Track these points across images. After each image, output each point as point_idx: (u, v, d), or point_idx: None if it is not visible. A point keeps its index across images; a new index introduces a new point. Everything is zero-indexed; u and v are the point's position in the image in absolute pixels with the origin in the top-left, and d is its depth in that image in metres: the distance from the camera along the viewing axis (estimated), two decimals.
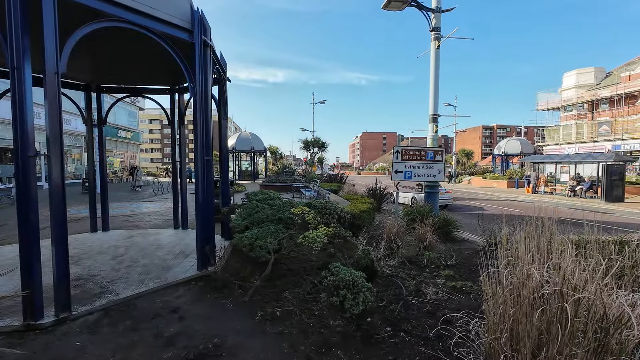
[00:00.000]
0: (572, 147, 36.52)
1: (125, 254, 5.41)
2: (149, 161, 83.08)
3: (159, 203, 13.50)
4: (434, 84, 8.41)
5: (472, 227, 9.88)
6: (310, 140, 26.33)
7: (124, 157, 32.77)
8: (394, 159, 8.16)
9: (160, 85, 7.39)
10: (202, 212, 4.54)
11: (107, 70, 6.80)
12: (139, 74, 6.94)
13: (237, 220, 4.24)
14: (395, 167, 8.17)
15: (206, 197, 4.56)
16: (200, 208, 4.54)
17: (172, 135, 7.48)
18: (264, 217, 4.30)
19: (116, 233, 7.15)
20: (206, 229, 4.63)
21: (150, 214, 10.24)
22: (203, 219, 4.55)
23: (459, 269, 5.49)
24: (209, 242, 4.67)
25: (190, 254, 5.42)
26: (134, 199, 15.49)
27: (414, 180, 8.29)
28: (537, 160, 26.04)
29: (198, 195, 4.49)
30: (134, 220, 9.23)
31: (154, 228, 7.92)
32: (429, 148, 8.40)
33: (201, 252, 4.52)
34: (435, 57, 8.32)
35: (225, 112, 6.18)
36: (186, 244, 6.14)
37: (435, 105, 8.49)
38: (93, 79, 7.05)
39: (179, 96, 7.37)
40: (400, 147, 8.12)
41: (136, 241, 6.36)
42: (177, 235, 6.98)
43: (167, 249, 5.74)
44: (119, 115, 30.05)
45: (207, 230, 4.67)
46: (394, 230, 6.39)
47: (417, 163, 8.27)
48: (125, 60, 6.10)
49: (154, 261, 5.03)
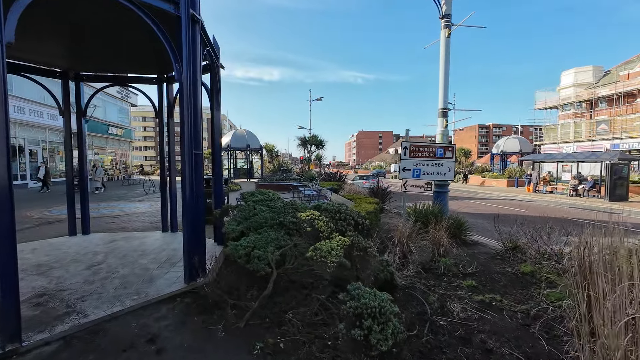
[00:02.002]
0: (570, 146, 36.35)
1: (103, 262, 4.75)
2: (143, 159, 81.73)
3: (148, 203, 12.77)
4: (443, 75, 7.83)
5: (480, 228, 9.35)
6: (307, 138, 25.65)
7: (116, 155, 31.83)
8: (402, 155, 7.57)
9: (147, 73, 6.70)
10: (190, 214, 3.90)
11: (86, 56, 6.10)
12: (123, 60, 6.25)
13: (230, 225, 3.60)
14: (404, 165, 7.59)
15: (195, 198, 3.92)
16: (188, 210, 3.89)
17: (159, 128, 6.80)
18: (263, 222, 3.67)
19: (97, 237, 6.46)
20: (195, 234, 3.99)
21: (139, 215, 9.53)
22: (191, 223, 3.90)
23: (480, 278, 4.92)
24: (198, 250, 4.02)
25: (178, 261, 4.77)
26: (122, 198, 14.73)
27: (422, 178, 7.71)
28: (539, 159, 25.69)
29: (185, 195, 3.84)
30: (120, 221, 8.53)
31: (141, 231, 7.23)
32: (439, 144, 7.82)
33: (189, 262, 3.88)
34: (446, 46, 7.74)
35: (218, 103, 5.52)
36: (174, 249, 5.48)
37: (445, 99, 7.91)
38: (71, 66, 6.34)
39: (167, 86, 6.69)
40: (409, 142, 7.53)
41: (118, 246, 5.69)
42: (164, 239, 6.31)
43: (151, 256, 5.08)
44: (109, 111, 29.11)
45: (195, 236, 4.02)
46: (406, 233, 5.80)
47: (426, 160, 7.69)
48: (106, 44, 5.42)
49: (135, 271, 4.37)
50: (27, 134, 19.97)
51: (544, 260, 5.50)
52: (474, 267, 5.25)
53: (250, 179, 29.59)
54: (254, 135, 30.44)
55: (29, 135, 20.05)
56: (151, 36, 3.71)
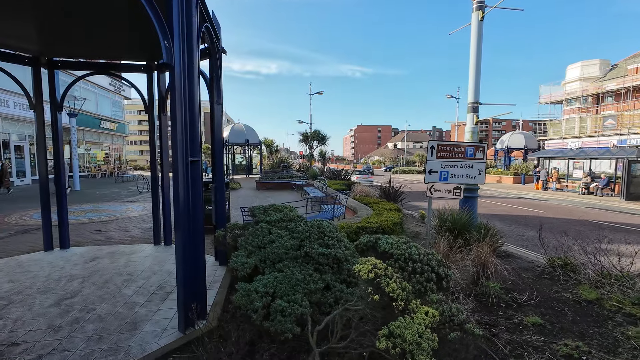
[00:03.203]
0: (575, 142, 35.64)
1: (78, 294, 3.81)
2: (138, 154, 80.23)
3: (142, 204, 11.80)
4: (475, 64, 6.88)
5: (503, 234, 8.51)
6: (309, 133, 24.62)
7: (109, 150, 30.65)
8: (428, 156, 6.65)
9: (134, 60, 5.69)
10: (185, 241, 2.96)
11: (61, 38, 5.09)
12: (105, 43, 5.23)
13: (239, 259, 2.68)
14: (430, 167, 6.67)
15: (190, 223, 2.98)
16: (182, 241, 2.95)
17: (149, 123, 5.82)
18: (283, 252, 2.75)
19: (77, 252, 5.52)
20: (192, 264, 3.06)
21: (129, 221, 8.57)
22: (187, 253, 2.96)
23: (540, 309, 4.04)
24: (196, 285, 3.10)
25: (172, 292, 3.85)
26: (114, 198, 13.73)
27: (450, 182, 6.81)
28: (549, 155, 24.88)
29: (180, 218, 2.90)
30: (107, 229, 7.57)
31: (129, 243, 6.29)
32: (469, 143, 6.89)
33: (184, 302, 2.95)
34: (478, 31, 6.78)
35: (219, 95, 4.56)
36: (167, 271, 4.56)
37: (476, 91, 6.97)
38: (43, 50, 5.32)
39: (158, 75, 5.70)
40: (436, 141, 6.61)
41: (100, 267, 4.75)
42: (156, 255, 5.38)
43: (139, 282, 4.15)
44: (101, 104, 27.86)
45: (193, 268, 3.09)
46: (441, 249, 4.92)
47: (454, 161, 6.78)
48: (84, 23, 4.41)
49: (116, 308, 3.45)
50: (13, 128, 18.80)
51: (606, 282, 4.66)
52: (529, 295, 4.38)
53: (249, 175, 28.60)
54: (253, 130, 29.36)
55: (14, 129, 18.88)
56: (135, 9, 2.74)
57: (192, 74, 2.93)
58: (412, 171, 53.17)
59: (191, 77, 2.92)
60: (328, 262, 2.67)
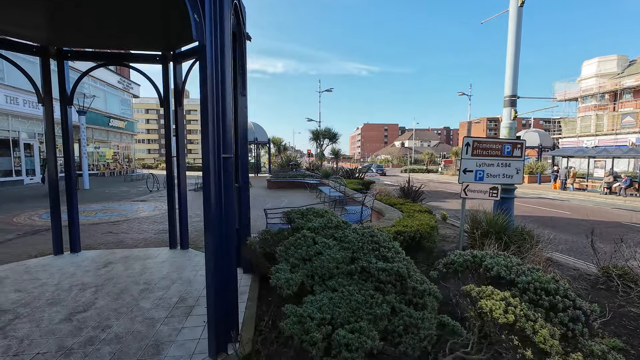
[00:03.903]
0: (591, 140, 34.67)
1: (92, 307, 3.41)
2: (146, 152, 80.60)
3: (153, 203, 11.46)
4: (513, 54, 6.34)
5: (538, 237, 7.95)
6: (320, 131, 24.13)
7: (118, 148, 30.54)
8: (463, 154, 6.15)
9: (149, 49, 5.28)
10: (216, 254, 2.52)
11: (71, 26, 4.69)
12: (118, 31, 4.83)
13: (282, 274, 2.24)
14: (464, 165, 6.17)
15: (222, 227, 2.54)
16: (213, 249, 2.51)
17: (165, 117, 5.40)
18: (333, 267, 2.30)
19: (89, 257, 5.14)
20: (223, 277, 2.62)
21: (141, 221, 8.21)
22: (218, 263, 2.53)
23: (612, 328, 3.54)
24: (228, 302, 2.66)
25: (195, 305, 3.43)
26: (124, 197, 13.43)
27: (486, 182, 6.30)
28: (567, 154, 24.07)
29: (209, 223, 2.47)
30: (118, 230, 7.21)
31: (143, 246, 5.91)
32: (506, 140, 6.37)
33: (215, 323, 2.52)
34: (517, 17, 6.24)
35: (244, 85, 4.12)
36: (187, 280, 4.14)
37: (514, 83, 6.44)
38: (52, 39, 4.93)
39: (174, 66, 5.28)
40: (471, 138, 6.10)
41: (114, 274, 4.36)
42: (173, 260, 4.97)
43: (158, 294, 3.74)
44: (110, 102, 27.71)
45: (224, 281, 2.65)
46: None
47: (491, 160, 6.27)
48: (97, 9, 4.01)
49: (134, 326, 3.03)
50: (22, 126, 18.65)
51: None
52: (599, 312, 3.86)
53: (257, 173, 28.26)
54: (262, 128, 28.99)
55: (24, 127, 18.74)
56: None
57: (225, 55, 2.48)
58: (421, 170, 52.56)
59: (223, 60, 2.47)
60: (390, 280, 2.22)
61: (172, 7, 3.70)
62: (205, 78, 2.34)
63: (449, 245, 7.05)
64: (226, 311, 2.65)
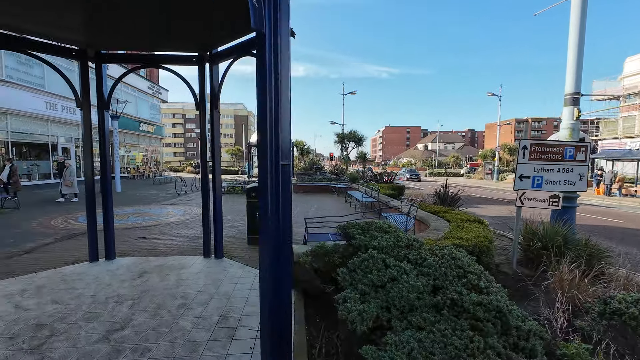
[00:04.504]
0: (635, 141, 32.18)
1: (129, 324, 3.17)
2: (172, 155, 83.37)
3: (182, 207, 11.45)
4: (576, 47, 5.69)
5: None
6: (345, 134, 23.71)
7: (147, 152, 31.47)
8: (519, 158, 5.57)
9: (185, 50, 5.09)
10: (272, 269, 2.18)
11: (110, 28, 4.58)
12: (155, 32, 4.67)
13: (352, 304, 1.85)
14: (521, 171, 5.59)
15: (279, 240, 2.20)
16: (269, 262, 2.17)
17: (201, 120, 5.19)
18: (414, 297, 1.89)
19: (124, 264, 4.98)
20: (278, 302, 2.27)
21: (172, 226, 8.11)
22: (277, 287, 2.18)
23: None
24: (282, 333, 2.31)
25: (237, 327, 3.11)
26: (154, 200, 13.57)
27: (545, 189, 5.66)
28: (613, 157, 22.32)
29: (265, 236, 2.13)
30: (151, 235, 7.11)
31: (177, 253, 5.71)
32: (568, 143, 5.71)
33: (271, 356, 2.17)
34: (582, 5, 5.59)
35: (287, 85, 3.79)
36: (226, 295, 3.84)
37: (577, 79, 5.77)
38: (90, 42, 4.84)
39: (211, 67, 5.06)
40: (529, 141, 5.51)
41: (150, 285, 4.14)
42: (208, 271, 4.71)
43: (197, 311, 3.46)
44: (141, 107, 28.61)
45: (277, 303, 2.30)
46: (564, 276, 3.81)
47: (550, 165, 5.64)
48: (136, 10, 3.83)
49: (176, 350, 2.74)
50: (60, 131, 19.47)
51: None
52: None
53: None
54: None
55: (62, 132, 19.55)
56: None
57: (286, 46, 2.15)
58: (448, 173, 51.10)
59: (283, 51, 2.14)
60: (489, 317, 1.78)
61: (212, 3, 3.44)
62: (264, 72, 2.01)
63: (497, 257, 6.43)
64: (280, 340, 2.30)
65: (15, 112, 16.19)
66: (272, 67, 2.08)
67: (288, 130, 2.26)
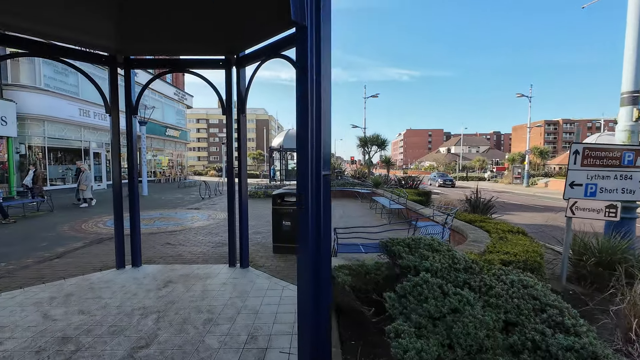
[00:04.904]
0: None
1: (155, 340, 3.00)
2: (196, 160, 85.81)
3: (206, 212, 11.48)
4: (635, 40, 5.13)
5: None
6: (368, 138, 23.29)
7: (172, 156, 32.35)
8: (571, 164, 5.06)
9: (212, 54, 4.99)
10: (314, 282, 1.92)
11: (138, 33, 4.55)
12: (183, 36, 4.60)
13: (408, 340, 1.55)
14: (572, 178, 5.08)
15: (318, 254, 1.94)
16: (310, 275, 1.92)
17: (227, 125, 5.07)
18: (483, 336, 1.57)
19: (149, 273, 4.89)
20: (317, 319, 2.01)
21: (197, 231, 8.07)
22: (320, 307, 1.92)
23: None
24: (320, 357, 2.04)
25: (268, 348, 2.86)
26: (179, 204, 13.75)
27: (599, 198, 5.11)
28: None
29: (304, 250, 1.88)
30: (176, 241, 7.07)
31: (202, 261, 5.59)
32: (626, 147, 5.13)
33: None
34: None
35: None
36: (253, 310, 3.62)
37: (638, 75, 5.19)
38: (120, 48, 4.83)
39: (238, 70, 4.93)
40: (582, 144, 5.00)
41: (175, 296, 4.00)
42: (234, 282, 4.53)
43: (223, 327, 3.25)
44: (167, 113, 29.47)
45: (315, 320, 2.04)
46: None
47: (606, 171, 5.09)
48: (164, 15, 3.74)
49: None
50: (92, 136, 20.28)
51: None
52: None
53: None
54: None
55: (93, 137, 20.36)
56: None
57: (327, 40, 1.90)
58: (471, 177, 49.55)
59: (325, 46, 1.89)
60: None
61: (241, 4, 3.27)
62: (305, 68, 1.77)
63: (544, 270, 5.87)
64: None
65: (52, 118, 16.99)
66: (314, 64, 1.84)
67: (329, 136, 2.01)
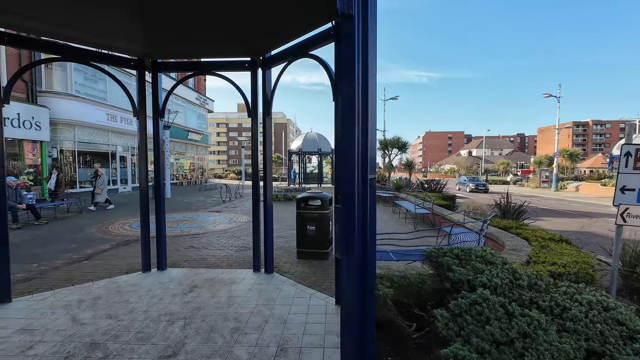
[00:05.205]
0: None
1: (182, 349, 2.91)
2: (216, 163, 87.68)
3: (227, 215, 11.53)
4: None
5: None
6: (388, 141, 22.92)
7: (194, 159, 33.05)
8: (621, 167, 4.62)
9: (238, 55, 4.93)
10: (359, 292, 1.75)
11: (166, 37, 4.54)
12: (210, 39, 4.56)
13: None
14: (623, 182, 4.64)
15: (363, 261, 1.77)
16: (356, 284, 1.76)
17: (252, 127, 4.99)
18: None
19: (174, 276, 4.86)
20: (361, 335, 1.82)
21: (220, 235, 8.06)
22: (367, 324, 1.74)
23: None
24: None
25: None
26: (201, 207, 13.91)
27: None
28: None
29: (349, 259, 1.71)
30: (199, 244, 7.06)
31: (226, 266, 5.52)
32: None
33: None
34: None
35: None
36: (281, 319, 3.48)
37: None
38: (148, 52, 4.85)
39: (263, 72, 4.84)
40: (634, 146, 4.56)
41: (201, 302, 3.91)
42: (260, 288, 4.41)
43: (251, 337, 3.12)
44: (189, 117, 30.16)
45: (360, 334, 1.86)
46: None
47: None
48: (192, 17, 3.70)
49: None
50: (119, 140, 20.96)
51: None
52: None
53: (320, 184, 27.97)
54: (325, 138, 28.81)
55: (120, 141, 21.04)
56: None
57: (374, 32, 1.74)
58: (496, 181, 48.02)
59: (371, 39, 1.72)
60: None
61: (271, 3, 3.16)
62: (352, 61, 1.61)
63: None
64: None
65: (82, 123, 17.69)
66: (360, 59, 1.67)
67: (375, 138, 1.83)
